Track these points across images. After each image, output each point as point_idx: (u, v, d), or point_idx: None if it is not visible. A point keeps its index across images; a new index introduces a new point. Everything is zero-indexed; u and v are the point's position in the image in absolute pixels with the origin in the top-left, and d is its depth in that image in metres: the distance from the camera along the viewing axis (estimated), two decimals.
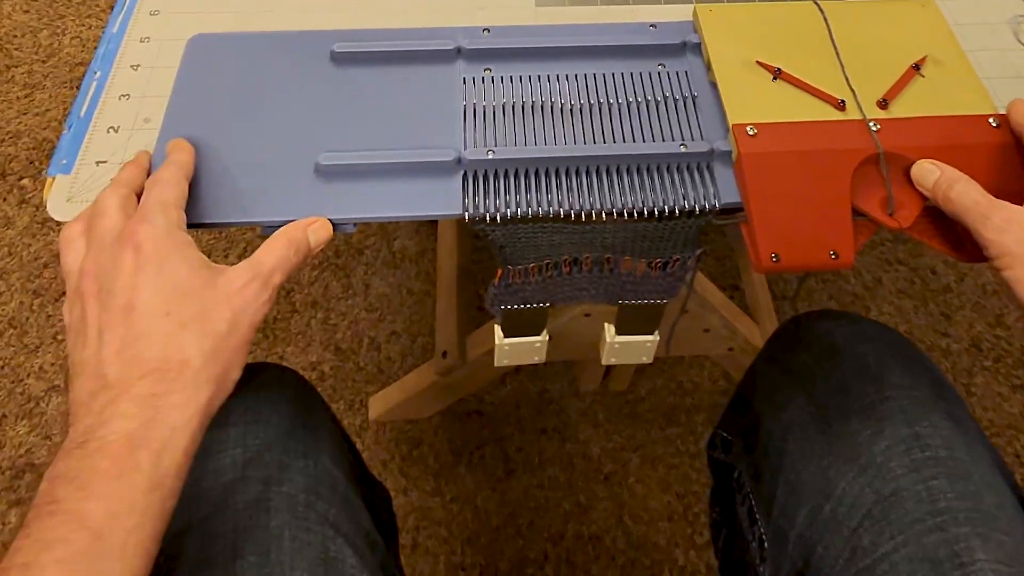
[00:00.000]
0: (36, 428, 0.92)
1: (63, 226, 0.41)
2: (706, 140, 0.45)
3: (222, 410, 0.46)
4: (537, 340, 0.54)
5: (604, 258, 0.47)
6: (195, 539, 0.41)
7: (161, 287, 0.36)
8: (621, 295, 0.50)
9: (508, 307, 0.50)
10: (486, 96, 0.48)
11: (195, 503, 0.43)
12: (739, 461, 0.54)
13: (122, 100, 0.50)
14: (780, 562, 0.46)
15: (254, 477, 0.43)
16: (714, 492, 0.60)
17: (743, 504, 0.52)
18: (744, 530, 0.51)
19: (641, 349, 0.55)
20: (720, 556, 0.60)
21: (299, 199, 0.44)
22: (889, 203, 0.41)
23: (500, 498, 0.87)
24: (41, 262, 1.06)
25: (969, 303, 1.03)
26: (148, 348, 0.35)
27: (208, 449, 0.45)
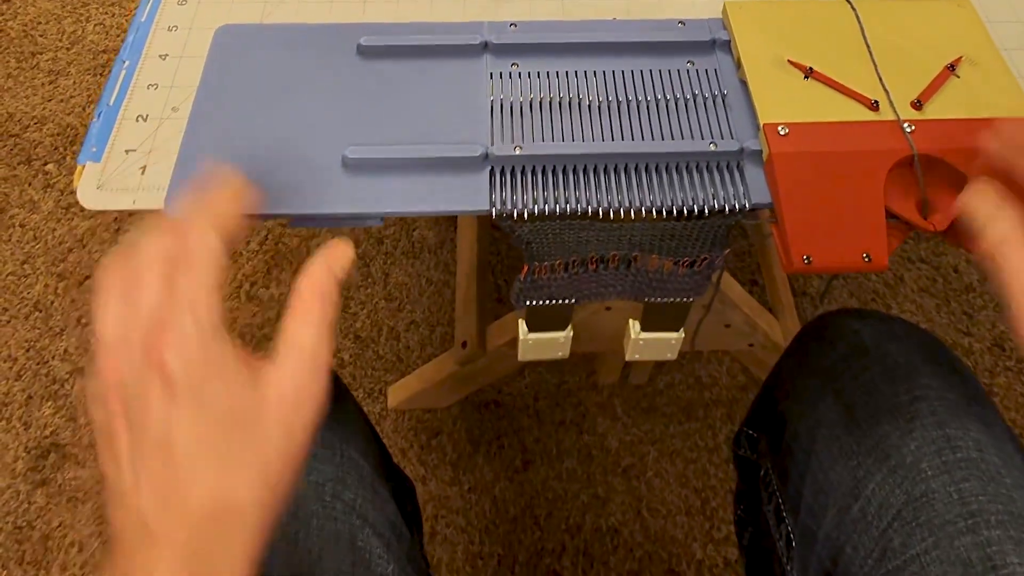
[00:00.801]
0: (61, 410, 0.94)
1: (101, 263, 0.34)
2: (736, 139, 0.44)
3: None
4: (561, 336, 0.54)
5: (632, 256, 0.47)
6: None
7: (201, 421, 0.30)
8: (648, 292, 0.50)
9: (533, 303, 0.50)
10: (513, 91, 0.47)
11: None
12: (765, 459, 0.54)
13: (150, 89, 0.50)
14: (807, 561, 0.46)
15: None
16: (739, 490, 0.60)
17: (769, 503, 0.52)
18: (771, 529, 0.51)
19: (666, 346, 0.55)
20: (745, 554, 0.60)
21: (326, 192, 0.44)
22: (924, 206, 0.40)
23: (518, 489, 0.88)
24: (66, 247, 1.07)
25: (992, 302, 1.02)
26: (193, 495, 0.30)
27: None
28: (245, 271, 1.05)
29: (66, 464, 0.90)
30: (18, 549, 0.85)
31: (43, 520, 0.87)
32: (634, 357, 0.56)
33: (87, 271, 1.05)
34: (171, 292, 0.32)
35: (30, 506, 0.87)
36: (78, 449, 0.91)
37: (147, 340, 0.31)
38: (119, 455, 0.31)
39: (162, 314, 0.32)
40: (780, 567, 0.50)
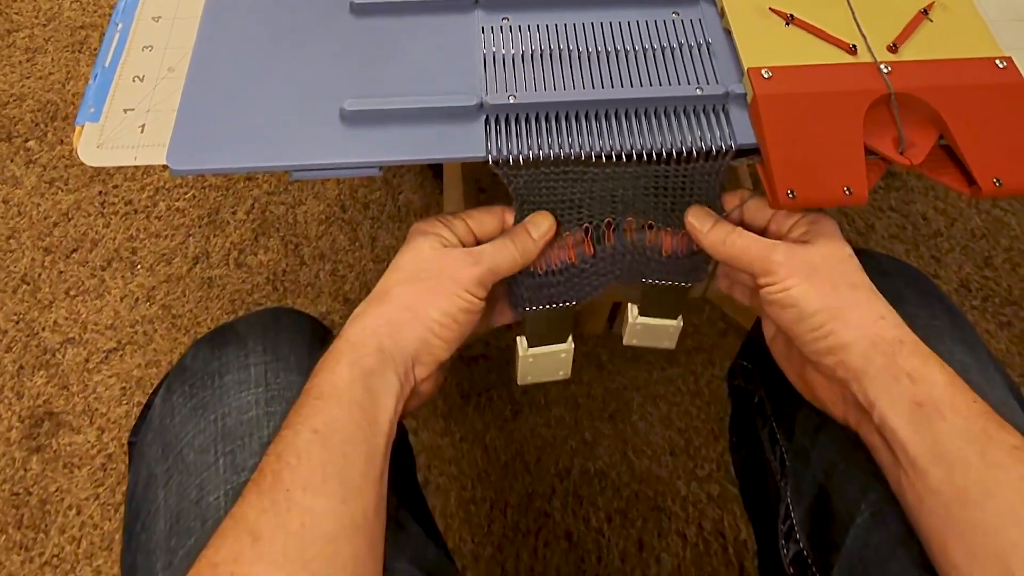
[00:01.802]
0: (53, 379, 0.94)
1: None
2: (721, 84, 0.46)
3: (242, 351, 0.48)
4: (563, 350, 0.54)
5: (625, 221, 0.48)
6: (224, 471, 0.44)
7: None
8: (646, 273, 0.50)
9: (533, 308, 0.50)
10: (504, 44, 0.49)
11: (220, 439, 0.45)
12: (759, 388, 0.56)
13: (145, 51, 0.51)
14: (802, 478, 0.49)
15: (278, 412, 0.45)
16: (733, 418, 0.63)
17: (764, 427, 0.55)
18: (765, 451, 0.54)
19: (664, 333, 0.55)
20: (740, 478, 0.63)
21: (326, 143, 0.45)
22: (900, 142, 0.43)
23: (508, 437, 0.91)
24: (51, 221, 1.07)
25: (958, 246, 1.06)
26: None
27: (230, 388, 0.47)
28: (233, 239, 1.06)
29: (60, 431, 0.91)
30: (16, 514, 0.86)
31: (40, 486, 0.88)
32: (632, 342, 0.57)
33: (74, 244, 1.05)
34: None
35: (26, 472, 0.88)
36: (72, 416, 0.92)
37: None
38: None
39: None
40: (775, 486, 0.52)
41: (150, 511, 0.44)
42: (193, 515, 0.42)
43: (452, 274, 0.43)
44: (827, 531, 0.46)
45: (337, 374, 0.40)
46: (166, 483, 0.44)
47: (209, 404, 0.46)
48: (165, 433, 0.46)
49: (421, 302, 0.43)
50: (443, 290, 0.43)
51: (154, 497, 0.44)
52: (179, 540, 0.42)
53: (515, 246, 0.45)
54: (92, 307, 1.00)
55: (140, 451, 0.47)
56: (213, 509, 0.42)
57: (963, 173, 0.44)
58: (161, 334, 0.98)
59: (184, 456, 0.44)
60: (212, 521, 0.41)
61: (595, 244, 0.48)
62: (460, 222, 0.46)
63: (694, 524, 0.85)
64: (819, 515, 0.47)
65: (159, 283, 1.02)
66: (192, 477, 0.43)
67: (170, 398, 0.48)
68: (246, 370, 0.47)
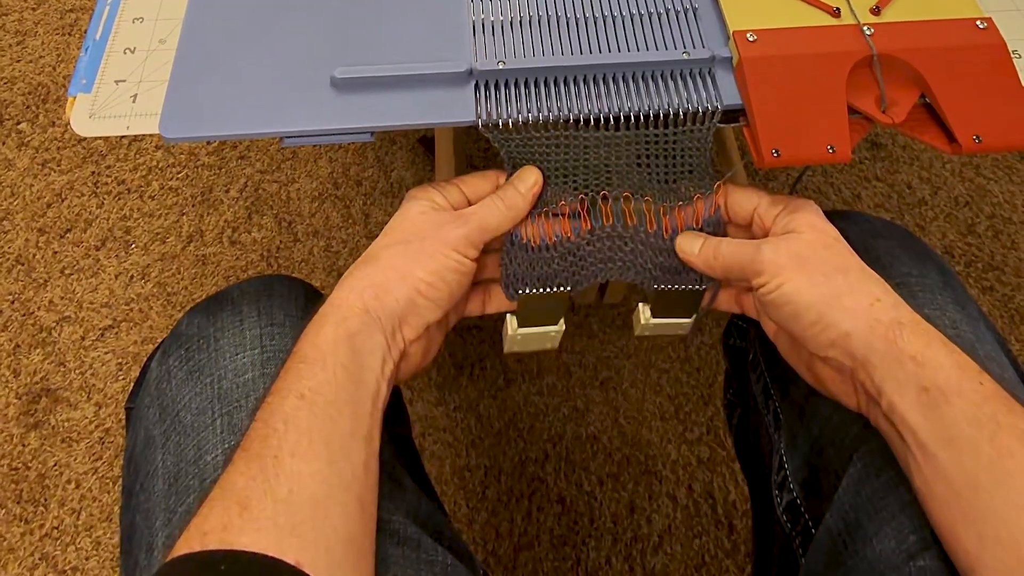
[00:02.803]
0: (50, 356, 0.95)
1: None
2: (707, 48, 0.47)
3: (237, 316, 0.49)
4: (552, 330, 0.52)
5: (623, 195, 0.47)
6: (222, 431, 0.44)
7: None
8: (657, 278, 0.48)
9: (525, 291, 0.49)
10: (494, 12, 0.49)
11: (217, 401, 0.45)
12: (753, 345, 0.57)
13: (136, 23, 0.51)
14: (795, 432, 0.50)
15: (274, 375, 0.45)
16: (728, 376, 0.64)
17: (759, 382, 0.55)
18: (759, 406, 0.55)
19: (676, 328, 0.54)
20: (734, 432, 0.64)
21: (317, 110, 0.45)
22: (882, 101, 0.44)
23: (501, 405, 0.92)
24: (44, 201, 1.07)
25: (942, 214, 1.08)
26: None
27: (226, 351, 0.47)
28: (226, 217, 1.06)
29: (58, 407, 0.92)
30: (15, 489, 0.87)
31: (38, 460, 0.89)
32: (644, 335, 0.55)
33: (68, 224, 1.05)
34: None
35: (24, 448, 0.89)
36: (69, 392, 0.93)
37: None
38: None
39: None
40: (768, 440, 0.54)
41: (148, 472, 0.45)
42: (191, 474, 0.43)
43: (439, 234, 0.43)
44: (820, 481, 0.47)
45: (322, 336, 0.40)
46: (164, 444, 0.45)
47: (205, 367, 0.47)
48: (162, 396, 0.47)
49: (408, 262, 0.43)
50: (430, 250, 0.43)
51: (152, 458, 0.45)
52: (178, 499, 0.42)
53: (503, 201, 0.45)
54: (87, 286, 1.00)
55: (137, 415, 0.48)
56: (211, 468, 0.43)
57: (944, 131, 0.45)
58: (156, 311, 0.98)
59: (181, 418, 0.45)
60: (210, 480, 0.42)
61: (592, 221, 0.48)
62: (453, 188, 0.47)
63: (684, 486, 0.87)
64: (812, 467, 0.48)
65: (153, 262, 1.02)
66: (190, 438, 0.44)
67: (166, 362, 0.48)
68: (241, 334, 0.48)
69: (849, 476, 0.45)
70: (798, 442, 0.50)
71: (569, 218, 0.48)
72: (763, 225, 0.46)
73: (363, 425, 0.39)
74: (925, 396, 0.37)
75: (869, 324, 0.39)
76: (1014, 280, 1.01)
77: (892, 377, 0.38)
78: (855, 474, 0.44)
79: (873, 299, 0.40)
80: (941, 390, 0.37)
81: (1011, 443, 0.35)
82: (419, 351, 0.45)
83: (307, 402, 0.38)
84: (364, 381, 0.40)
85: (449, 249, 0.43)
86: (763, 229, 0.46)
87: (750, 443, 0.59)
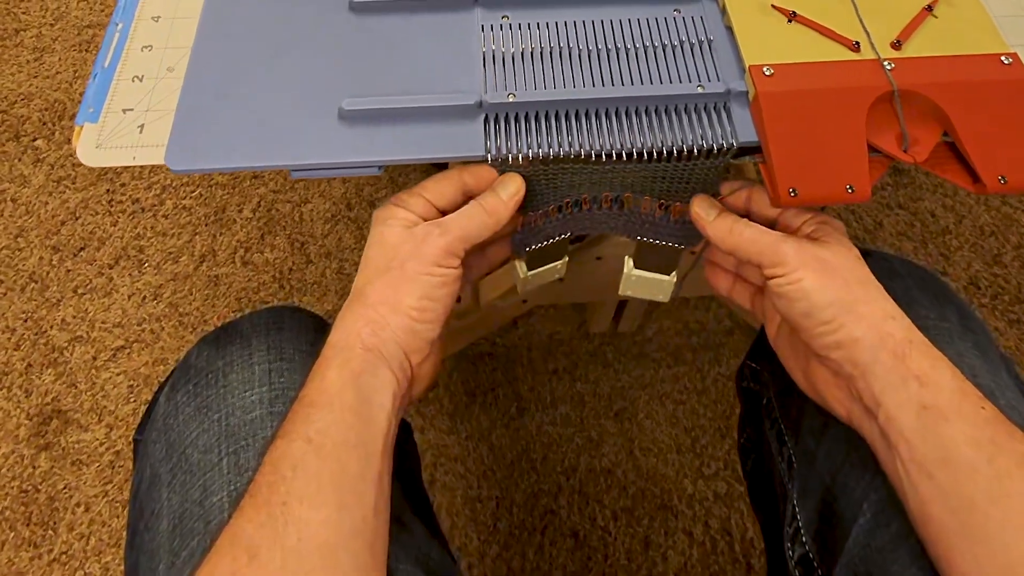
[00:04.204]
0: (61, 376, 0.95)
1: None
2: (722, 81, 0.46)
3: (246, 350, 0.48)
4: (558, 263, 0.55)
5: (624, 196, 0.48)
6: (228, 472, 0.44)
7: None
8: (640, 231, 0.51)
9: (532, 247, 0.51)
10: (504, 43, 0.49)
11: (224, 439, 0.45)
12: (767, 389, 0.56)
13: (145, 51, 0.51)
14: (808, 479, 0.49)
15: (281, 413, 0.45)
16: (743, 418, 0.63)
17: (772, 428, 0.54)
18: (772, 452, 0.54)
19: (658, 287, 0.56)
20: (748, 478, 0.62)
21: (325, 142, 0.45)
22: (904, 139, 0.42)
23: (514, 435, 0.90)
24: (59, 219, 1.08)
25: (967, 244, 1.05)
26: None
27: (234, 387, 0.47)
28: (239, 237, 1.06)
29: (68, 428, 0.91)
30: (25, 511, 0.86)
31: (48, 483, 0.88)
32: (627, 293, 0.58)
33: (81, 242, 1.06)
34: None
35: (35, 470, 0.89)
36: (80, 414, 0.92)
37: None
38: None
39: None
40: (782, 487, 0.52)
41: (154, 511, 0.44)
42: (196, 516, 0.42)
43: (418, 254, 0.42)
44: (832, 533, 0.46)
45: (327, 380, 0.40)
46: (170, 483, 0.44)
47: (213, 403, 0.46)
48: (169, 432, 0.46)
49: (394, 292, 0.42)
50: (412, 273, 0.42)
51: (158, 497, 0.44)
52: (182, 541, 0.42)
53: (484, 209, 0.44)
54: (100, 305, 1.00)
55: (144, 450, 0.47)
56: (216, 510, 0.42)
57: (967, 170, 0.43)
58: (168, 332, 0.98)
59: (188, 456, 0.44)
60: (215, 522, 0.41)
61: (592, 203, 0.49)
62: (416, 198, 0.45)
63: (700, 522, 0.85)
64: (824, 517, 0.47)
65: (166, 281, 1.02)
66: (196, 477, 0.43)
67: (174, 396, 0.48)
68: (250, 369, 0.47)
69: (859, 526, 0.44)
70: (809, 490, 0.48)
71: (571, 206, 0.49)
72: (787, 228, 0.45)
73: (373, 466, 0.39)
74: (925, 414, 0.37)
75: (880, 336, 0.39)
76: None
77: (893, 392, 0.38)
78: (865, 524, 0.43)
79: (888, 315, 0.40)
80: (941, 410, 0.37)
81: (1010, 465, 0.35)
82: (428, 367, 0.45)
83: (315, 446, 0.37)
84: (373, 420, 0.40)
85: (431, 266, 0.42)
86: (785, 230, 0.45)
87: (764, 491, 0.58)
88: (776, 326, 0.47)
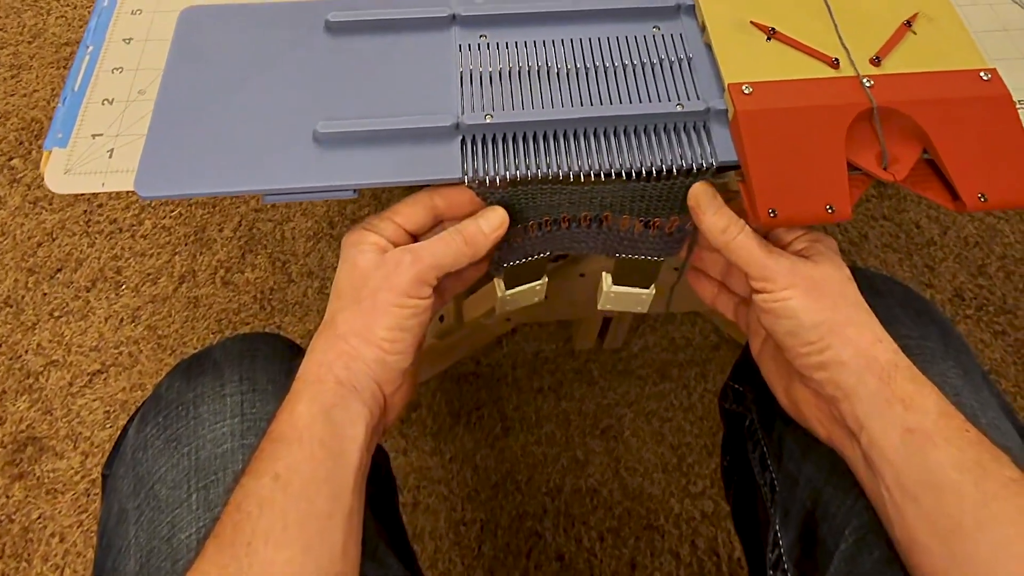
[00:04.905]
0: (36, 403, 0.93)
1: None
2: (702, 100, 0.45)
3: (218, 380, 0.47)
4: (538, 284, 0.55)
5: (603, 215, 0.48)
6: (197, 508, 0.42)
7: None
8: (619, 248, 0.51)
9: (511, 264, 0.50)
10: (482, 62, 0.48)
11: (194, 474, 0.44)
12: (750, 411, 0.55)
13: (115, 73, 0.50)
14: (790, 504, 0.48)
15: (253, 445, 0.44)
16: (725, 440, 0.62)
17: (755, 451, 0.53)
18: (755, 475, 0.53)
19: (636, 300, 0.56)
20: (731, 501, 0.61)
21: (299, 166, 0.44)
22: (883, 157, 0.42)
23: (498, 455, 0.89)
24: (35, 240, 1.06)
25: (952, 255, 1.05)
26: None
27: (205, 419, 0.46)
28: (220, 257, 1.05)
29: (44, 456, 0.90)
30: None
31: (22, 513, 0.86)
32: (606, 307, 0.57)
33: (58, 264, 1.04)
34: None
35: (8, 500, 0.87)
36: (55, 441, 0.91)
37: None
38: None
39: None
40: (765, 512, 0.51)
41: (121, 548, 0.43)
42: (164, 554, 0.41)
43: (390, 283, 0.41)
44: (813, 559, 0.45)
45: (296, 414, 0.39)
46: (137, 519, 0.43)
47: (183, 436, 0.45)
48: (137, 466, 0.45)
49: (366, 323, 0.41)
50: (383, 304, 0.41)
51: (125, 534, 0.43)
52: None
53: (463, 238, 0.43)
54: (76, 329, 0.98)
55: (113, 485, 0.46)
56: (184, 548, 0.41)
57: (947, 188, 0.43)
58: (146, 355, 0.96)
59: (156, 492, 0.43)
60: (183, 561, 0.40)
61: (570, 222, 0.48)
62: (387, 222, 0.44)
63: (687, 542, 0.84)
64: (806, 542, 0.46)
65: (144, 303, 1.01)
66: (164, 514, 0.42)
67: (143, 429, 0.46)
68: (222, 400, 0.46)
69: (841, 553, 0.43)
70: (791, 515, 0.47)
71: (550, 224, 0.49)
72: (778, 242, 0.44)
73: (344, 504, 0.38)
74: (909, 438, 0.37)
75: (867, 359, 0.39)
76: None
77: (878, 415, 0.38)
78: (847, 550, 0.43)
79: (875, 339, 0.40)
80: (927, 434, 0.36)
81: (996, 488, 0.35)
82: (401, 396, 0.44)
83: (282, 483, 0.36)
84: (344, 455, 0.38)
85: (402, 297, 0.41)
86: (777, 245, 0.44)
87: (747, 515, 0.57)
88: (760, 341, 0.47)
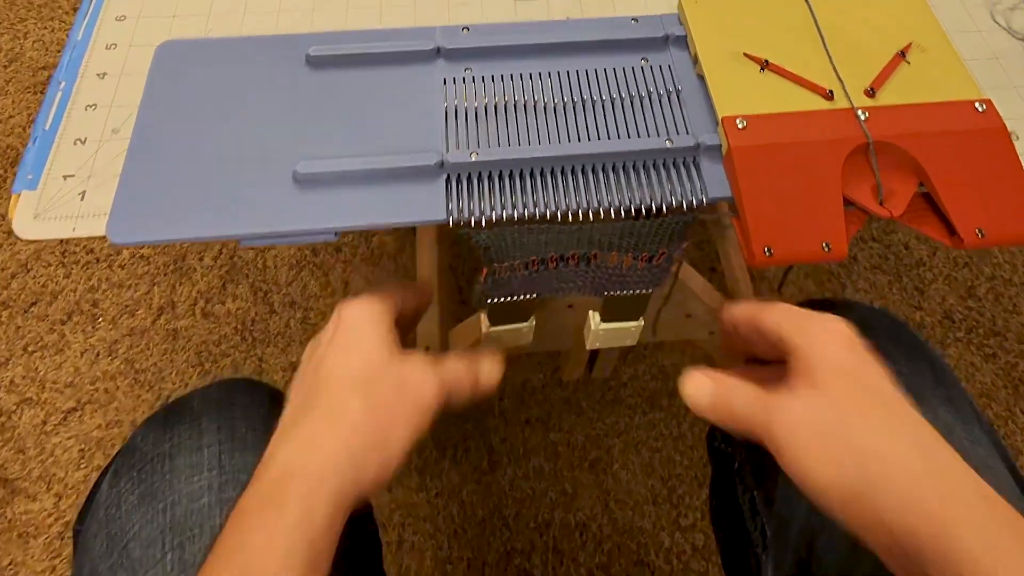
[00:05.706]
0: (8, 442, 0.90)
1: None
2: (691, 134, 0.44)
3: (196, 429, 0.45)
4: (524, 326, 0.53)
5: (591, 254, 0.47)
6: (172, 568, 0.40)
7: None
8: (607, 287, 0.49)
9: (495, 300, 0.49)
10: (467, 97, 0.47)
11: (169, 532, 0.42)
12: (739, 451, 0.54)
13: (89, 110, 0.48)
14: (782, 551, 0.46)
15: (230, 499, 0.42)
16: (714, 482, 0.61)
17: (745, 495, 0.52)
18: (746, 520, 0.52)
19: (626, 334, 0.55)
20: (721, 545, 0.60)
21: (278, 209, 0.42)
22: (879, 192, 0.41)
23: (485, 490, 0.87)
24: (9, 272, 1.03)
25: (941, 276, 1.05)
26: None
27: (181, 472, 0.44)
28: (200, 287, 1.03)
29: (15, 499, 0.87)
30: None
31: None
32: (595, 346, 0.57)
33: (33, 297, 1.01)
34: None
35: None
36: (28, 482, 0.88)
37: None
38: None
39: None
40: (756, 558, 0.50)
41: None
42: None
43: (416, 398, 0.38)
44: None
45: (274, 545, 0.32)
46: None
47: (158, 491, 0.43)
48: (110, 524, 0.43)
49: (386, 429, 0.37)
50: (410, 417, 0.37)
51: None
52: None
53: (473, 375, 0.42)
54: (51, 364, 0.96)
55: (84, 543, 0.44)
56: None
57: (945, 222, 0.42)
58: (123, 391, 0.94)
59: (130, 551, 0.41)
60: None
61: (559, 262, 0.47)
62: (391, 304, 0.42)
63: None
64: None
65: (121, 336, 0.98)
66: (137, 575, 0.40)
67: (117, 484, 0.44)
68: (199, 452, 0.44)
69: None
70: (784, 563, 0.46)
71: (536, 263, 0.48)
72: (775, 335, 0.39)
73: None
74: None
75: (911, 526, 0.32)
76: (1017, 347, 0.98)
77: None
78: None
79: (911, 499, 0.33)
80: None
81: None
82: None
83: None
84: None
85: (429, 413, 0.38)
86: (775, 337, 0.39)
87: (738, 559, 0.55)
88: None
